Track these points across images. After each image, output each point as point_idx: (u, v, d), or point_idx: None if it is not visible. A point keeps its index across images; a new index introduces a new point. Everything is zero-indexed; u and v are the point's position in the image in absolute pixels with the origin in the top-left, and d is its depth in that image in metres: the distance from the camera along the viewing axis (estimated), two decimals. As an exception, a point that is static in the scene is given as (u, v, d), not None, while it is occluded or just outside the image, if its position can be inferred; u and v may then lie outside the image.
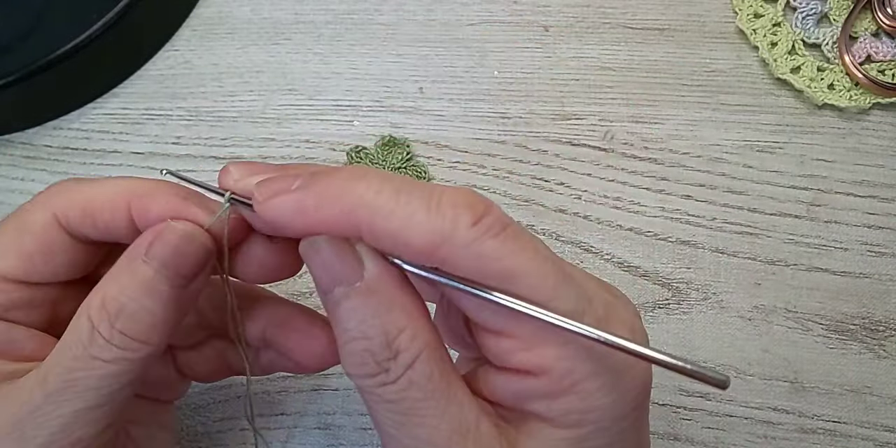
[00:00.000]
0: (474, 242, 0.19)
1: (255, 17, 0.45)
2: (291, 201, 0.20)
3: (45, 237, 0.23)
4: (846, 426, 0.35)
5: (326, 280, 0.20)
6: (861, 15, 0.42)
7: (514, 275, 0.19)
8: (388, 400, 0.20)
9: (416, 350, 0.20)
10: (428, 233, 0.19)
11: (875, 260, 0.38)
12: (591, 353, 0.20)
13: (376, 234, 0.19)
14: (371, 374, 0.20)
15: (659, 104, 0.41)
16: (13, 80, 0.39)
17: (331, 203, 0.20)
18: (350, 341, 0.20)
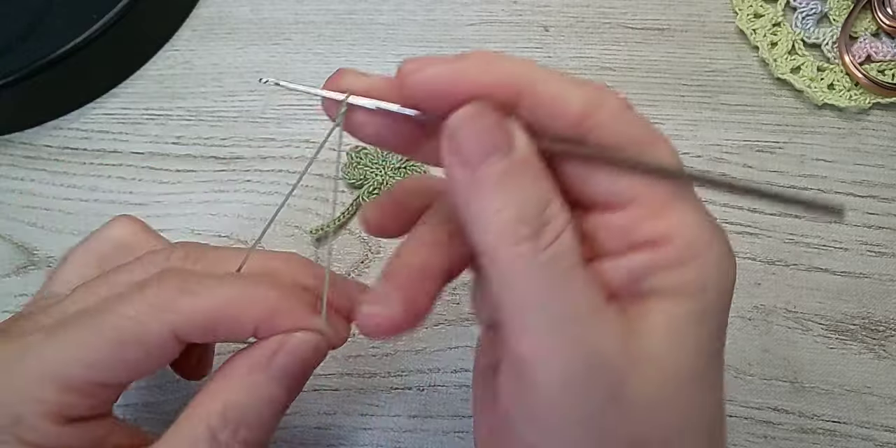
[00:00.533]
0: (625, 111, 0.21)
1: (255, 17, 0.45)
2: (451, 68, 0.20)
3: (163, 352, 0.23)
4: (846, 426, 0.35)
5: (479, 150, 0.20)
6: (861, 15, 0.42)
7: (655, 142, 0.21)
8: (540, 263, 0.20)
9: (563, 220, 0.20)
10: (585, 99, 0.20)
11: (875, 260, 0.38)
12: (710, 222, 0.21)
13: (537, 99, 0.20)
14: (526, 238, 0.20)
15: (659, 104, 0.41)
16: (13, 80, 0.39)
17: (494, 68, 0.20)
18: (501, 210, 0.20)
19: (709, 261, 0.21)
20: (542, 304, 0.20)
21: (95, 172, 0.41)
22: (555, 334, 0.20)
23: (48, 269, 0.39)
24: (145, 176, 0.41)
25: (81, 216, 0.40)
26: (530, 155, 0.21)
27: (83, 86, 0.43)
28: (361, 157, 0.40)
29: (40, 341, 0.23)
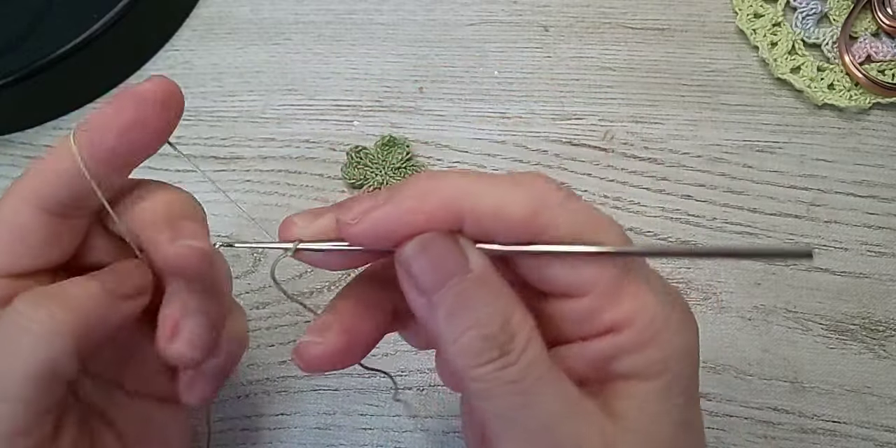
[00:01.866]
0: (566, 202, 0.21)
1: (255, 17, 0.45)
2: (389, 210, 0.21)
3: (17, 219, 0.23)
4: (846, 426, 0.35)
5: (436, 277, 0.21)
6: (861, 15, 0.42)
7: (601, 227, 0.22)
8: (510, 380, 0.21)
9: (527, 332, 0.21)
10: (527, 202, 0.21)
11: (875, 260, 0.38)
12: (665, 299, 0.22)
13: (480, 214, 0.21)
14: (493, 359, 0.21)
15: (659, 104, 0.41)
16: (13, 80, 0.39)
17: (430, 198, 0.21)
18: (464, 332, 0.21)
19: (668, 337, 0.22)
20: (516, 418, 0.21)
21: (95, 172, 0.41)
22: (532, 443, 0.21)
23: (48, 269, 0.39)
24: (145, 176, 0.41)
25: (81, 216, 0.40)
26: (486, 272, 0.21)
27: (83, 86, 0.43)
28: (361, 157, 0.40)
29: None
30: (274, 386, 0.36)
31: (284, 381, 0.36)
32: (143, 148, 0.24)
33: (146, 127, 0.23)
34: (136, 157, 0.24)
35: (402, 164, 0.39)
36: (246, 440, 0.35)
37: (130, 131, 0.23)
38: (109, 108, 0.23)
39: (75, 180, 0.23)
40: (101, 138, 0.23)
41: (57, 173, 0.23)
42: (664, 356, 0.22)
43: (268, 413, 0.36)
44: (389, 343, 0.37)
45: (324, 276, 0.38)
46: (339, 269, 0.25)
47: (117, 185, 0.24)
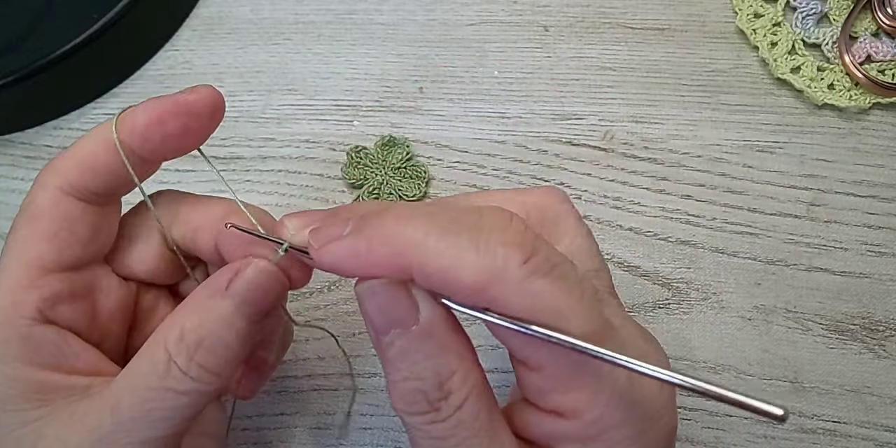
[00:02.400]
0: (525, 281, 0.19)
1: (255, 17, 0.45)
2: (344, 247, 0.21)
3: (58, 211, 0.23)
4: (846, 426, 0.35)
5: (381, 322, 0.21)
6: (861, 15, 0.42)
7: (562, 315, 0.20)
8: (436, 437, 0.21)
9: (466, 391, 0.21)
10: (479, 271, 0.19)
11: (875, 260, 0.38)
12: (621, 401, 0.21)
13: (427, 274, 0.20)
14: (422, 412, 0.21)
15: (659, 104, 0.41)
16: (13, 80, 0.39)
17: (381, 246, 0.20)
18: (402, 380, 0.21)
19: (617, 440, 0.21)
20: None
21: (95, 172, 0.41)
22: None
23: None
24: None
25: (81, 216, 0.40)
26: (432, 326, 0.21)
27: (83, 86, 0.43)
28: (361, 157, 0.40)
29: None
30: (274, 386, 0.36)
31: (284, 382, 0.36)
32: (181, 151, 0.25)
33: (190, 136, 0.24)
34: (169, 156, 0.25)
35: (402, 164, 0.39)
36: (246, 440, 0.35)
37: (175, 138, 0.24)
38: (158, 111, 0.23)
39: (111, 171, 0.24)
40: (145, 141, 0.23)
41: (94, 164, 0.23)
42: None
43: (268, 413, 0.36)
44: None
45: (323, 277, 0.38)
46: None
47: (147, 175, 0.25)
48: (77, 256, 0.24)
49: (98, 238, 0.25)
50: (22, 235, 0.23)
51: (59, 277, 0.24)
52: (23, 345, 0.22)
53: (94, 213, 0.24)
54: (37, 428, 0.22)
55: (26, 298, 0.23)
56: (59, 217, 0.23)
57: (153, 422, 0.22)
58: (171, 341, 0.22)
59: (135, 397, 0.22)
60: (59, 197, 0.23)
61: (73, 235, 0.24)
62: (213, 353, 0.22)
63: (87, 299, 0.25)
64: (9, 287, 0.23)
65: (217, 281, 0.23)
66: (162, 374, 0.22)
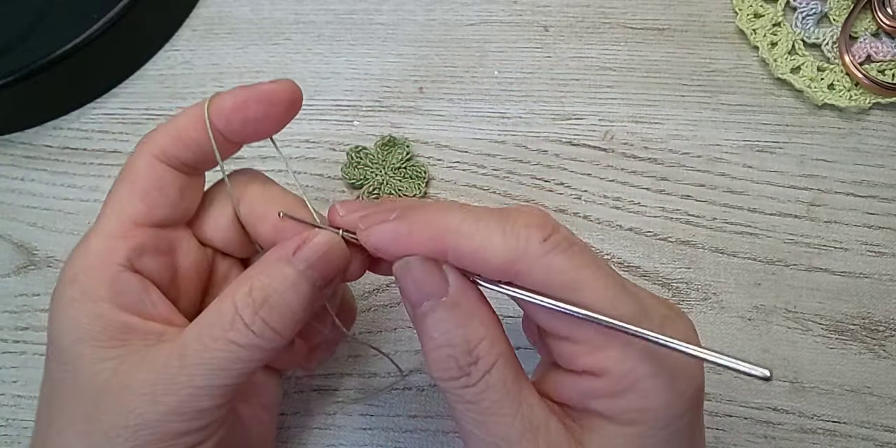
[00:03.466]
0: (545, 257, 0.22)
1: (255, 17, 0.45)
2: (389, 229, 0.24)
3: (152, 174, 0.26)
4: (846, 426, 0.35)
5: (416, 295, 0.24)
6: (861, 15, 0.42)
7: (579, 286, 0.22)
8: (469, 401, 0.23)
9: (493, 357, 0.23)
10: (504, 251, 0.22)
11: (875, 260, 0.38)
12: (649, 356, 0.22)
13: (460, 254, 0.23)
14: (455, 378, 0.23)
15: (659, 104, 0.41)
16: (13, 80, 0.39)
17: (422, 229, 0.23)
18: (436, 348, 0.23)
19: (648, 391, 0.22)
20: (473, 431, 0.23)
21: (95, 172, 0.41)
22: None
23: (48, 269, 0.39)
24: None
25: (81, 216, 0.40)
26: (460, 298, 0.23)
27: (83, 86, 0.43)
28: (361, 157, 0.40)
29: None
30: (274, 386, 0.36)
31: (285, 382, 0.36)
32: (260, 135, 0.27)
33: (268, 121, 0.26)
34: (248, 140, 0.27)
35: (402, 164, 0.39)
36: (246, 440, 0.35)
37: (254, 122, 0.26)
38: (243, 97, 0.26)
39: (198, 145, 0.26)
40: (228, 123, 0.26)
41: (185, 137, 0.26)
42: (642, 407, 0.23)
43: (268, 413, 0.36)
44: (390, 342, 0.37)
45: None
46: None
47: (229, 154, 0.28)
48: (164, 215, 0.26)
49: (183, 202, 0.27)
50: (119, 193, 0.26)
51: (147, 232, 0.26)
52: (111, 287, 0.25)
53: (181, 180, 0.27)
54: (114, 365, 0.24)
55: (118, 246, 0.25)
56: (152, 179, 0.26)
57: (212, 370, 0.23)
58: (240, 296, 0.24)
59: (199, 345, 0.23)
60: (153, 163, 0.26)
61: (163, 196, 0.26)
62: (276, 311, 0.24)
63: (169, 256, 0.27)
64: (104, 236, 0.25)
65: (286, 246, 0.25)
66: (227, 325, 0.23)
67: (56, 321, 0.25)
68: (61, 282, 0.25)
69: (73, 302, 0.24)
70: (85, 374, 0.24)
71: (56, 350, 0.25)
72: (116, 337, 0.24)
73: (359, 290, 0.38)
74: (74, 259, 0.25)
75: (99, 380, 0.23)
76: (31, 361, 0.38)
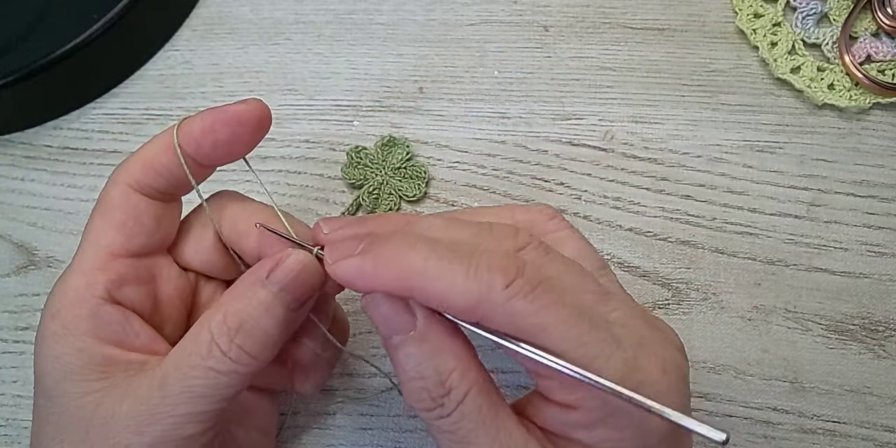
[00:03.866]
0: (507, 303, 0.22)
1: (255, 17, 0.45)
2: (354, 266, 0.23)
3: (127, 204, 0.26)
4: (846, 426, 0.35)
5: (385, 330, 0.24)
6: (861, 15, 0.42)
7: (542, 329, 0.22)
8: (446, 430, 0.23)
9: (465, 387, 0.23)
10: (467, 295, 0.22)
11: (875, 260, 0.38)
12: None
13: (424, 296, 0.23)
14: (429, 408, 0.23)
15: (659, 104, 0.41)
16: (13, 80, 0.39)
17: (386, 268, 0.23)
18: (409, 381, 0.24)
19: (620, 424, 0.23)
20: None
21: (95, 172, 0.41)
22: None
23: (48, 269, 0.39)
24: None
25: (81, 216, 0.40)
26: (429, 333, 0.23)
27: (83, 86, 0.43)
28: (361, 158, 0.40)
29: None
30: (274, 386, 0.36)
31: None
32: (231, 157, 0.27)
33: (238, 142, 0.27)
34: (219, 162, 0.27)
35: (402, 164, 0.39)
36: (246, 440, 0.35)
37: (224, 145, 0.26)
38: (210, 121, 0.26)
39: (171, 172, 0.26)
40: (199, 146, 0.26)
41: (156, 164, 0.26)
42: (617, 437, 0.23)
43: (268, 413, 0.36)
44: (389, 343, 0.37)
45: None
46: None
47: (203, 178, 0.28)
48: (142, 244, 0.27)
49: (160, 230, 0.27)
50: (96, 225, 0.26)
51: (126, 263, 0.26)
52: (91, 321, 0.25)
53: (157, 208, 0.27)
54: (97, 398, 0.24)
55: (97, 279, 0.25)
56: (127, 209, 0.26)
57: (194, 398, 0.23)
58: (215, 323, 0.24)
59: (179, 373, 0.24)
60: (127, 192, 0.26)
61: (140, 226, 0.26)
62: (251, 336, 0.24)
63: (150, 284, 0.27)
64: (83, 269, 0.26)
65: (259, 269, 0.25)
66: (205, 353, 0.24)
67: (40, 357, 0.25)
68: (43, 317, 0.25)
69: (56, 337, 0.25)
70: (70, 408, 0.24)
71: (41, 387, 0.25)
72: (99, 370, 0.25)
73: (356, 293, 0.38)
74: (55, 294, 0.26)
75: (84, 414, 0.24)
76: (30, 361, 0.37)
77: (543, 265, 0.24)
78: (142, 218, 0.26)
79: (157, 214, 0.27)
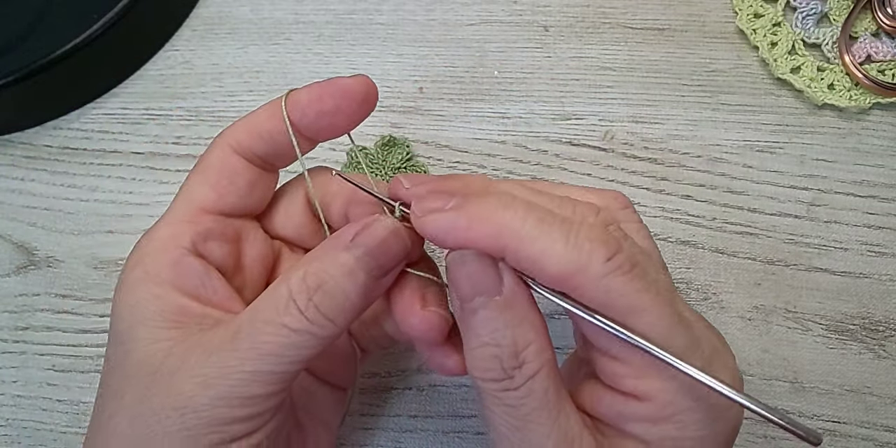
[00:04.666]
0: (605, 277, 0.21)
1: (255, 17, 0.45)
2: (445, 220, 0.22)
3: (225, 163, 0.27)
4: (846, 426, 0.35)
5: (468, 290, 0.23)
6: (861, 15, 0.42)
7: (635, 311, 0.21)
8: (508, 404, 0.22)
9: (539, 363, 0.22)
10: (564, 262, 0.21)
11: (875, 260, 0.38)
12: (693, 390, 0.22)
13: (518, 257, 0.22)
14: (496, 379, 0.22)
15: (659, 104, 0.41)
16: (13, 80, 0.39)
17: (480, 225, 0.22)
18: (481, 346, 0.23)
19: (687, 423, 0.22)
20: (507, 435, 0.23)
21: (95, 172, 0.41)
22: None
23: (48, 269, 0.39)
24: (145, 176, 0.41)
25: (81, 216, 0.40)
26: (514, 298, 0.22)
27: (83, 86, 0.43)
28: (361, 158, 0.40)
29: None
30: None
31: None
32: (334, 130, 0.27)
33: (342, 115, 0.26)
34: (323, 135, 0.27)
35: (402, 164, 0.39)
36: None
37: (329, 116, 0.26)
38: (318, 91, 0.26)
39: (275, 138, 0.27)
40: (303, 116, 0.26)
41: (261, 130, 0.27)
42: (679, 436, 0.22)
43: (268, 413, 0.36)
44: (389, 343, 0.37)
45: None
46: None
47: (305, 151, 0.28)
48: (233, 204, 0.27)
49: (253, 194, 0.27)
50: (191, 182, 0.27)
51: (214, 219, 0.27)
52: (173, 270, 0.25)
53: (253, 173, 0.27)
54: (167, 347, 0.24)
55: (184, 230, 0.26)
56: (223, 169, 0.27)
57: (263, 355, 0.23)
58: (294, 281, 0.24)
59: (252, 328, 0.23)
60: (228, 153, 0.27)
61: (233, 186, 0.27)
62: (330, 297, 0.23)
63: (235, 244, 0.27)
64: (171, 221, 0.26)
65: (345, 233, 0.25)
66: (281, 310, 0.23)
67: (117, 304, 0.25)
68: (126, 266, 0.25)
69: (136, 283, 0.25)
70: (139, 355, 0.24)
71: (114, 333, 0.25)
72: (173, 319, 0.24)
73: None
74: (140, 244, 0.26)
75: (152, 361, 0.23)
76: (31, 361, 0.38)
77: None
78: (236, 179, 0.27)
79: (252, 179, 0.27)
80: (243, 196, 0.27)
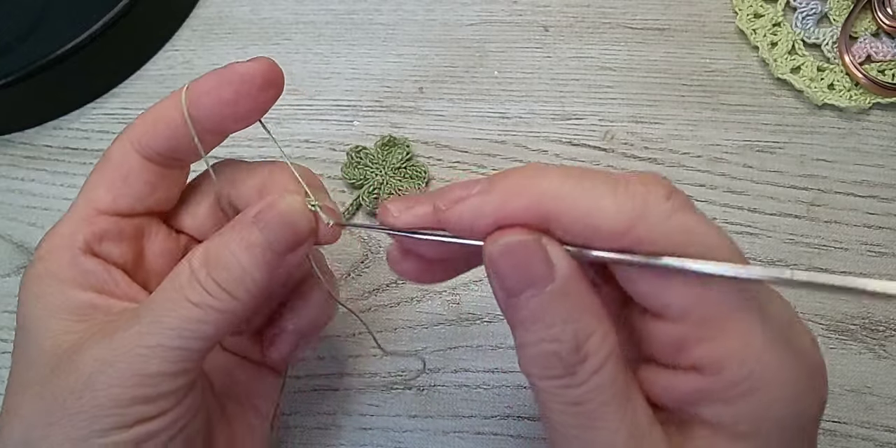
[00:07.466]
0: (672, 216, 0.19)
1: (255, 17, 0.45)
2: (477, 202, 0.20)
3: (123, 164, 0.26)
4: (846, 426, 0.35)
5: (517, 282, 0.20)
6: (861, 15, 0.42)
7: (711, 248, 0.19)
8: (571, 402, 0.20)
9: (604, 354, 0.20)
10: (619, 214, 0.19)
11: (875, 260, 0.38)
12: (776, 351, 0.19)
13: (565, 222, 0.19)
14: (557, 376, 0.20)
15: (659, 104, 0.41)
16: (13, 80, 0.39)
17: (516, 198, 0.20)
18: (537, 343, 0.20)
19: (771, 397, 0.19)
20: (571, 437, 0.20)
21: (95, 172, 0.41)
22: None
23: (48, 269, 0.39)
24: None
25: (81, 216, 0.40)
26: (569, 284, 0.20)
27: (83, 86, 0.43)
28: (361, 158, 0.40)
29: None
30: (274, 386, 0.36)
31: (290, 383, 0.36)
32: (238, 119, 0.26)
33: (243, 103, 0.25)
34: (229, 126, 0.26)
35: (402, 164, 0.39)
36: (246, 440, 0.35)
37: (230, 106, 0.25)
38: (215, 80, 0.25)
39: (175, 134, 0.25)
40: (201, 107, 0.25)
41: (160, 127, 0.25)
42: (758, 416, 0.19)
43: (268, 413, 0.36)
44: (390, 343, 0.37)
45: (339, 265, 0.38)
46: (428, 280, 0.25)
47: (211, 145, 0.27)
48: (128, 205, 0.26)
49: (154, 194, 0.27)
50: (91, 180, 0.26)
51: (110, 220, 0.26)
52: (73, 269, 0.25)
53: (152, 173, 0.26)
54: (74, 338, 0.24)
55: (80, 230, 0.26)
56: (121, 169, 0.26)
57: (164, 329, 0.23)
58: (196, 257, 0.24)
59: (153, 304, 0.23)
60: (128, 151, 0.26)
61: (129, 187, 0.26)
62: (228, 270, 0.23)
63: (135, 241, 0.27)
64: (71, 219, 0.26)
65: (248, 211, 0.24)
66: (182, 284, 0.23)
67: (24, 294, 0.25)
68: (32, 260, 0.26)
69: (40, 278, 0.25)
70: (45, 346, 0.24)
71: (22, 326, 0.25)
72: (79, 313, 0.25)
73: (358, 290, 0.38)
74: (46, 238, 0.26)
75: (57, 351, 0.24)
76: (31, 361, 0.38)
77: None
78: (133, 180, 0.26)
79: (152, 179, 0.26)
80: (142, 197, 0.26)
